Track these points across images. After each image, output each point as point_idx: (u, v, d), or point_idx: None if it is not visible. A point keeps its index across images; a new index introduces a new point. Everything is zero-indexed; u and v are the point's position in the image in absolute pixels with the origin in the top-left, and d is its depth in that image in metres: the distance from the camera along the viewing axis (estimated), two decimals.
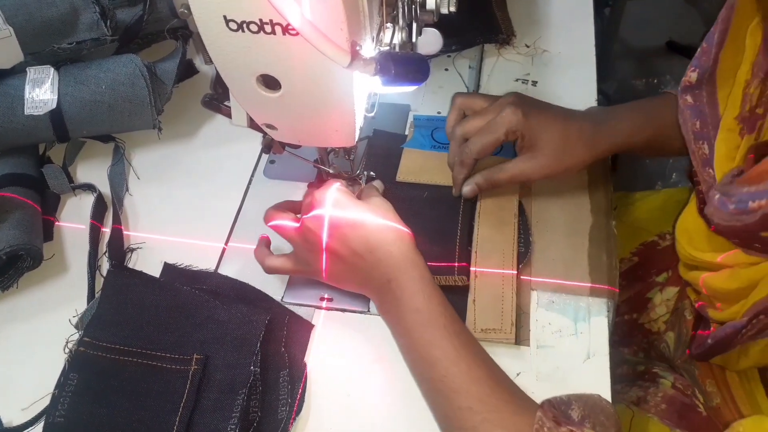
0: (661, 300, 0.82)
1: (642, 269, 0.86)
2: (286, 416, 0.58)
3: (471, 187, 0.69)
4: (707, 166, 0.61)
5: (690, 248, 0.67)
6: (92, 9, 0.74)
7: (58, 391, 0.59)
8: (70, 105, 0.72)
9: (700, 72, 0.62)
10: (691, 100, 0.63)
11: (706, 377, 0.72)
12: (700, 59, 0.62)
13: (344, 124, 0.57)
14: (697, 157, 0.63)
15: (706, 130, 0.62)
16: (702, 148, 0.62)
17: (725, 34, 0.60)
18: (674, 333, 0.79)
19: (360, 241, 0.60)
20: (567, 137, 0.67)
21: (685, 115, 0.64)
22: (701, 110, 0.62)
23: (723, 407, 0.70)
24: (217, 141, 0.81)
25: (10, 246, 0.64)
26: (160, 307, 0.64)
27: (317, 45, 0.43)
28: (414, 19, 0.62)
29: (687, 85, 0.64)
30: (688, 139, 0.63)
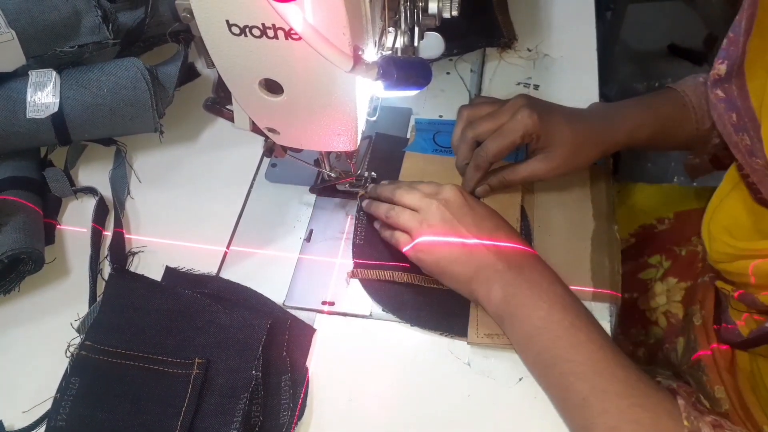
0: (662, 289, 0.82)
1: (636, 249, 0.87)
2: (287, 421, 0.58)
3: (484, 188, 0.70)
4: (753, 156, 0.60)
5: (733, 240, 0.65)
6: (94, 12, 0.74)
7: (59, 395, 0.59)
8: (72, 108, 0.72)
9: (729, 63, 0.61)
10: (723, 94, 0.62)
11: (715, 383, 0.71)
12: (728, 50, 0.61)
13: (346, 128, 0.57)
14: (740, 149, 0.61)
15: (742, 122, 0.61)
16: (744, 139, 0.60)
17: (752, 21, 0.58)
18: (684, 338, 0.78)
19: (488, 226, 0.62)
20: (577, 138, 0.68)
21: (719, 110, 0.63)
22: (734, 103, 0.61)
23: (732, 413, 0.70)
24: (219, 145, 0.81)
25: (11, 249, 0.64)
26: (161, 311, 0.63)
27: (320, 49, 0.43)
28: (416, 23, 0.63)
29: (716, 79, 0.62)
30: (727, 132, 0.62)
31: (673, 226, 0.87)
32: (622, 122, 0.71)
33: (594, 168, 0.74)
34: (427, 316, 0.64)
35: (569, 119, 0.69)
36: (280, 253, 0.70)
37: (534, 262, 0.61)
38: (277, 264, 0.69)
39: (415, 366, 0.62)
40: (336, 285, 0.68)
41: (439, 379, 0.61)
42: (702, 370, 0.74)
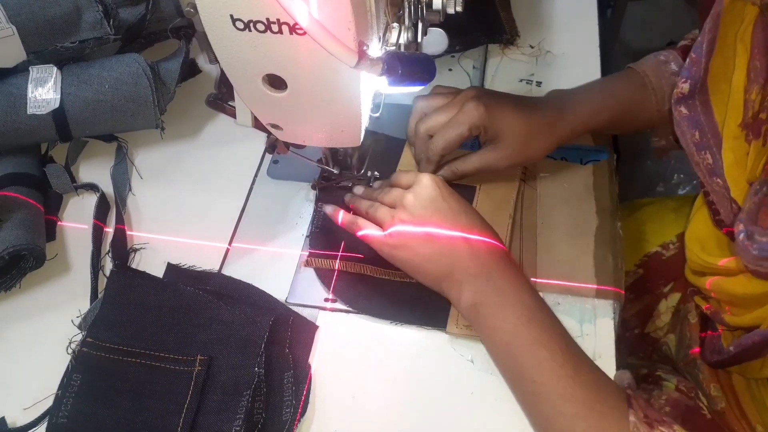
0: (666, 307, 0.82)
1: (649, 281, 0.85)
2: (290, 418, 0.58)
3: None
4: (714, 175, 0.61)
5: (703, 254, 0.67)
6: (95, 8, 0.74)
7: (61, 392, 0.59)
8: (73, 104, 0.71)
9: (691, 83, 0.62)
10: (686, 111, 0.63)
11: (711, 381, 0.71)
12: (690, 69, 0.62)
13: (350, 124, 0.56)
14: (702, 168, 0.62)
15: (705, 139, 0.62)
16: (705, 158, 0.62)
17: (713, 42, 0.60)
18: (675, 335, 0.79)
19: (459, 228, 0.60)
20: (529, 127, 0.68)
21: (682, 127, 0.64)
22: (697, 120, 0.62)
23: (728, 412, 0.70)
24: (221, 141, 0.80)
25: (12, 246, 0.64)
26: (163, 308, 0.63)
27: (325, 44, 0.43)
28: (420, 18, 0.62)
29: (680, 97, 0.63)
30: (690, 152, 0.63)
31: (679, 249, 0.85)
32: (578, 109, 0.71)
33: (597, 164, 0.74)
34: (384, 306, 0.65)
35: (520, 109, 0.69)
36: (282, 249, 0.70)
37: (504, 267, 0.60)
38: (279, 261, 0.69)
39: (418, 363, 0.62)
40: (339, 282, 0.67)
41: (443, 376, 0.61)
42: (698, 367, 0.74)
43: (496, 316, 0.58)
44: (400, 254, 0.63)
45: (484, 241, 0.61)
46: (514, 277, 0.60)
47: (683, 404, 0.72)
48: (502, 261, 0.60)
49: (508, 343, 0.57)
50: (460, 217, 0.62)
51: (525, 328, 0.56)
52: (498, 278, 0.59)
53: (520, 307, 0.57)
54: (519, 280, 0.60)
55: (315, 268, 0.68)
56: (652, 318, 0.83)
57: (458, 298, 0.60)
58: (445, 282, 0.61)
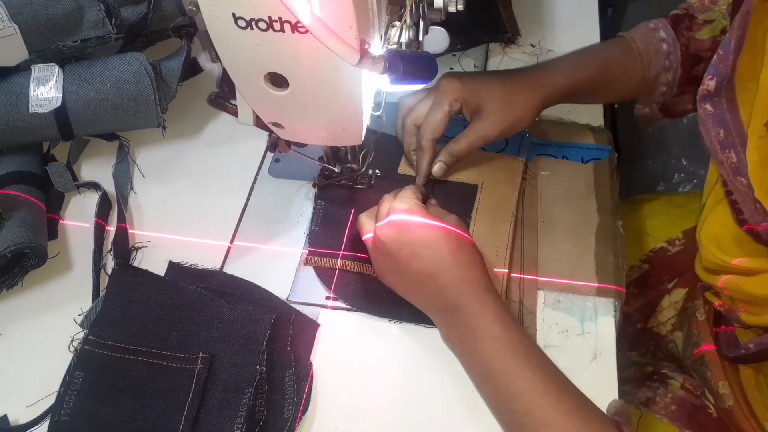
0: (669, 303, 0.82)
1: (654, 276, 0.85)
2: (292, 415, 0.58)
3: (439, 166, 0.70)
4: (738, 174, 0.60)
5: (720, 253, 0.66)
6: (97, 7, 0.74)
7: (63, 390, 0.59)
8: (75, 103, 0.71)
9: (718, 80, 0.61)
10: (711, 108, 0.62)
11: (719, 379, 0.71)
12: (717, 67, 0.62)
13: (352, 122, 0.57)
14: (726, 167, 0.61)
15: (730, 138, 0.61)
16: (730, 156, 0.61)
17: (742, 39, 0.59)
18: (683, 333, 0.78)
19: (429, 262, 0.58)
20: (507, 88, 0.69)
21: (707, 125, 0.63)
22: (723, 118, 0.61)
23: (736, 409, 0.70)
24: (222, 139, 0.80)
25: (14, 244, 0.64)
26: (165, 306, 0.63)
27: (326, 43, 0.43)
28: (421, 17, 0.62)
29: (705, 94, 0.63)
30: (714, 150, 0.62)
31: (685, 246, 0.85)
32: (559, 66, 0.72)
33: (598, 163, 0.74)
34: (383, 304, 0.65)
35: (498, 75, 0.70)
36: (283, 248, 0.70)
37: (473, 299, 0.57)
38: (280, 259, 0.69)
39: (420, 361, 0.62)
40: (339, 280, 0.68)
41: (444, 374, 0.61)
42: (706, 365, 0.74)
43: (468, 351, 0.58)
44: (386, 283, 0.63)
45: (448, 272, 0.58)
46: (481, 310, 0.57)
47: (689, 402, 0.72)
48: (470, 292, 0.58)
49: (484, 374, 0.57)
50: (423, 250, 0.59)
51: (498, 363, 0.55)
52: (463, 313, 0.57)
53: (490, 341, 0.56)
54: (488, 312, 0.57)
55: (314, 266, 0.68)
56: (655, 313, 0.83)
57: (440, 329, 0.61)
58: (426, 311, 0.62)
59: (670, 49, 0.73)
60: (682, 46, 0.73)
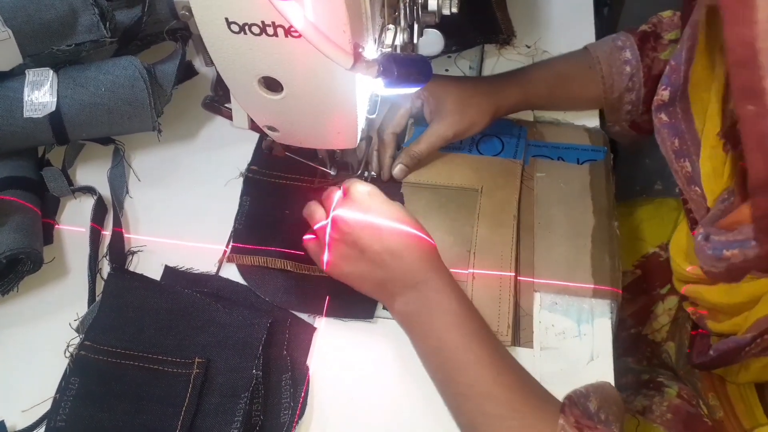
0: (663, 309, 0.82)
1: (646, 282, 0.86)
2: (288, 420, 0.58)
3: (399, 167, 0.72)
4: (692, 183, 0.61)
5: (685, 263, 0.67)
6: (91, 11, 0.74)
7: (59, 396, 0.59)
8: (70, 107, 0.71)
9: (671, 90, 0.63)
10: (667, 118, 0.64)
11: (708, 390, 0.72)
12: (671, 77, 0.63)
13: (346, 125, 0.56)
14: (681, 176, 0.63)
15: (685, 147, 0.62)
16: (684, 166, 0.62)
17: (693, 51, 0.60)
18: (675, 343, 0.79)
19: (395, 241, 0.59)
20: (464, 93, 0.72)
21: (662, 135, 0.64)
22: (678, 127, 0.63)
23: (726, 421, 0.70)
24: (218, 143, 0.80)
25: (10, 249, 0.64)
26: (161, 311, 0.63)
27: (320, 47, 0.43)
28: (416, 20, 0.62)
29: (660, 104, 0.64)
30: (669, 159, 0.64)
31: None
32: (517, 78, 0.75)
33: (594, 164, 0.74)
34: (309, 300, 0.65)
35: (459, 80, 0.74)
36: None
37: (432, 276, 0.59)
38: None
39: (416, 364, 0.61)
40: None
41: None
42: (697, 376, 0.75)
43: (424, 324, 0.59)
44: (338, 274, 0.63)
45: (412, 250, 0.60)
46: (441, 286, 0.59)
47: (684, 411, 0.72)
48: (431, 270, 0.59)
49: (435, 349, 0.58)
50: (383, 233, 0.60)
51: (451, 335, 0.57)
52: (425, 288, 0.59)
53: (447, 314, 0.58)
54: (447, 288, 0.59)
55: (237, 264, 0.68)
56: (649, 320, 0.83)
57: (391, 308, 0.61)
58: (379, 293, 0.62)
59: (633, 71, 0.74)
60: (645, 66, 0.74)
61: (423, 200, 0.72)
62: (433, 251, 0.61)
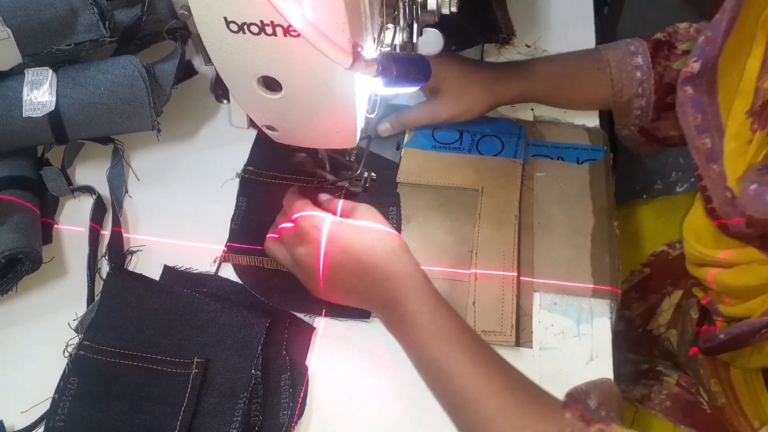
0: (669, 305, 0.82)
1: (655, 280, 0.85)
2: (287, 420, 0.58)
3: (385, 126, 0.75)
4: (711, 161, 0.59)
5: (699, 246, 0.66)
6: (90, 10, 0.74)
7: (58, 396, 0.59)
8: (69, 107, 0.71)
9: (703, 62, 0.60)
10: (692, 90, 0.61)
11: (711, 377, 0.71)
12: (704, 49, 0.60)
13: (345, 125, 0.56)
14: (700, 152, 0.60)
15: (707, 122, 0.60)
16: (705, 142, 0.60)
17: (733, 22, 0.58)
18: (677, 330, 0.78)
19: (355, 265, 0.59)
20: (465, 76, 0.72)
21: (685, 108, 0.62)
22: (702, 102, 0.61)
23: (727, 407, 0.70)
24: (217, 142, 0.80)
25: (9, 249, 0.64)
26: (160, 311, 0.63)
27: (319, 46, 0.43)
28: (415, 19, 0.62)
29: (688, 76, 0.61)
30: (690, 135, 0.61)
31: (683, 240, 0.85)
32: (519, 69, 0.74)
33: (594, 163, 0.74)
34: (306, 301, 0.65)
35: (464, 63, 0.74)
36: None
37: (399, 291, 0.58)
38: None
39: None
40: None
41: None
42: (699, 363, 0.74)
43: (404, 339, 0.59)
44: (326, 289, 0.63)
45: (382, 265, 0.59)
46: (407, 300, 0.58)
47: (684, 399, 0.72)
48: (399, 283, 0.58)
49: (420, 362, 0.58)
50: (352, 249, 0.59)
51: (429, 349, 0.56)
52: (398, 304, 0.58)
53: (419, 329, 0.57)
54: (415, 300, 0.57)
55: (233, 264, 0.68)
56: (655, 316, 0.83)
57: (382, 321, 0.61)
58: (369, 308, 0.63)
59: (643, 77, 0.73)
60: (657, 74, 0.72)
61: (423, 200, 0.72)
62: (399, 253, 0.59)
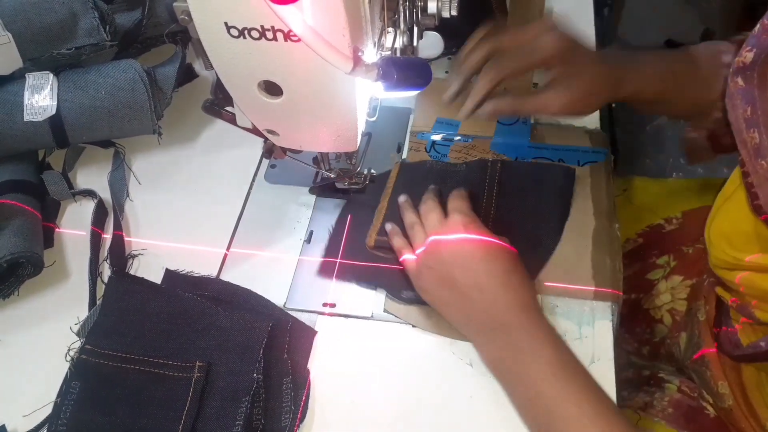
0: (666, 287, 0.81)
1: (644, 250, 0.86)
2: (289, 423, 0.58)
3: (491, 108, 0.65)
4: (759, 157, 0.56)
5: (732, 250, 0.64)
6: (91, 14, 0.74)
7: (60, 400, 0.59)
8: (70, 111, 0.71)
9: (757, 51, 0.57)
10: (743, 82, 0.58)
11: (719, 379, 0.71)
12: (760, 37, 0.57)
13: (346, 129, 0.56)
14: (748, 147, 0.58)
15: (756, 116, 0.57)
16: (753, 137, 0.57)
17: None
18: (686, 334, 0.78)
19: (480, 276, 0.58)
20: (597, 80, 0.65)
21: (734, 101, 0.59)
22: (752, 94, 0.58)
23: (736, 409, 0.69)
24: (218, 146, 0.80)
25: (10, 253, 0.64)
26: (161, 314, 0.63)
27: (319, 51, 0.43)
28: (415, 23, 0.62)
29: (740, 66, 0.58)
30: (738, 128, 0.58)
31: (681, 225, 0.85)
32: (639, 67, 0.68)
33: (594, 166, 0.74)
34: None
35: (593, 60, 0.65)
36: (280, 254, 0.70)
37: (523, 320, 0.57)
38: (277, 266, 0.69)
39: (417, 367, 0.62)
40: (337, 286, 0.67)
41: (441, 381, 0.61)
42: (706, 365, 0.74)
43: (516, 371, 0.57)
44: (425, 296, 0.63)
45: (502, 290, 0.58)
46: (534, 332, 0.57)
47: (686, 405, 0.72)
48: (523, 312, 0.58)
49: (530, 400, 0.56)
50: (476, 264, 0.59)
51: (547, 386, 0.54)
52: (515, 332, 0.57)
53: (541, 363, 0.55)
54: (540, 331, 0.57)
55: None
56: (651, 294, 0.83)
57: (478, 348, 0.60)
58: (464, 329, 0.61)
59: None
60: None
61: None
62: (525, 290, 0.59)
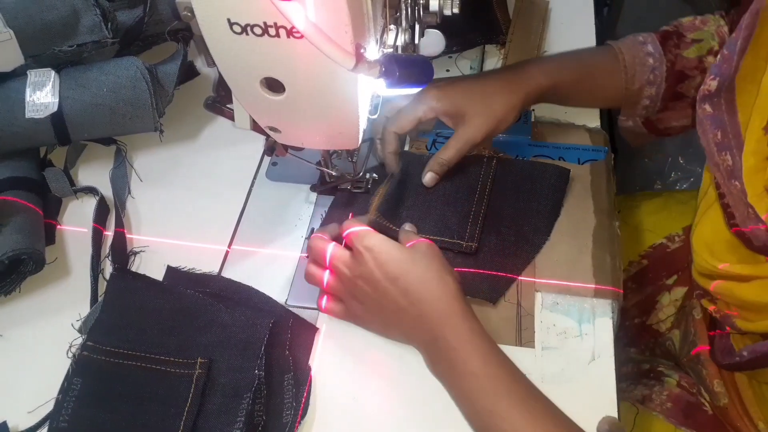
0: (669, 300, 0.82)
1: (652, 272, 0.85)
2: (291, 420, 0.58)
3: (430, 176, 0.70)
4: (732, 178, 0.59)
5: (712, 259, 0.66)
6: (93, 11, 0.74)
7: (61, 396, 0.59)
8: (71, 108, 0.71)
9: (720, 80, 0.61)
10: (710, 109, 0.61)
11: (714, 377, 0.71)
12: (721, 67, 0.61)
13: (348, 126, 0.56)
14: (721, 170, 0.61)
15: (727, 140, 0.60)
16: (726, 159, 0.60)
17: (748, 41, 0.58)
18: (680, 331, 0.78)
19: (400, 293, 0.58)
20: (486, 91, 0.69)
21: (705, 126, 0.62)
22: (721, 119, 0.61)
23: (731, 408, 0.70)
24: (220, 143, 0.80)
25: (12, 250, 0.64)
26: (163, 311, 0.63)
27: (322, 48, 0.43)
28: (417, 20, 0.62)
29: (706, 94, 0.62)
30: (710, 152, 0.62)
31: (684, 242, 0.85)
32: (543, 65, 0.72)
33: (594, 164, 0.74)
34: None
35: (477, 79, 0.71)
36: (281, 251, 0.70)
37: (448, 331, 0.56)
38: (278, 263, 0.69)
39: (418, 364, 0.62)
40: None
41: None
42: (702, 363, 0.74)
43: (452, 385, 0.57)
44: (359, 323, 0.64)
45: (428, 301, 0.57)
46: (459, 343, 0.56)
47: (684, 400, 0.72)
48: (448, 322, 0.56)
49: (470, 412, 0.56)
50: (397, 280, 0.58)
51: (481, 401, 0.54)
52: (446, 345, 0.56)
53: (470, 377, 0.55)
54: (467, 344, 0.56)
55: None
56: (654, 310, 0.83)
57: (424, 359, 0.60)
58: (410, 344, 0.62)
59: (655, 64, 0.73)
60: (669, 62, 0.72)
61: None
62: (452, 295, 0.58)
